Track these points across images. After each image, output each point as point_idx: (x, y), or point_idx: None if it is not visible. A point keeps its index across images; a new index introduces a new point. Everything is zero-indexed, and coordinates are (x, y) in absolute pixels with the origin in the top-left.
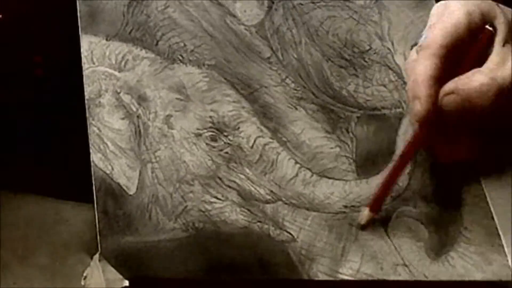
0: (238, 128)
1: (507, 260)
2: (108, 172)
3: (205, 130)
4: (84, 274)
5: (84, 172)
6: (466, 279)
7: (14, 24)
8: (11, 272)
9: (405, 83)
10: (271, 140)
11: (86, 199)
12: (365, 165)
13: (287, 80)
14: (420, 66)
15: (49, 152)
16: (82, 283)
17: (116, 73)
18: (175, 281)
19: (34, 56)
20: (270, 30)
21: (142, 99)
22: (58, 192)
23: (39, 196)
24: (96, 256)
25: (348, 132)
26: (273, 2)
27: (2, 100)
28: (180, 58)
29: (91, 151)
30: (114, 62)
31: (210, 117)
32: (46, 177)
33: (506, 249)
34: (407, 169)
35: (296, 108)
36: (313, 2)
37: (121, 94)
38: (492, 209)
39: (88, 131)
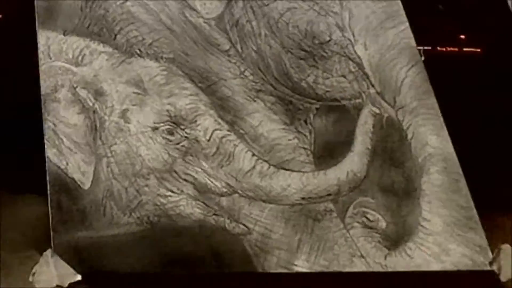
0: (195, 121)
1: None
2: (62, 167)
3: (162, 124)
4: (33, 271)
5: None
6: (424, 269)
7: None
8: None
9: (365, 73)
10: (228, 133)
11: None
12: (323, 156)
13: (246, 73)
14: None
15: None
16: (31, 279)
17: (73, 68)
18: (130, 275)
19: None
20: (230, 22)
21: (98, 93)
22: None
23: None
24: (47, 252)
25: (306, 123)
26: None
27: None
28: (138, 52)
29: (45, 146)
30: (71, 57)
31: (167, 110)
32: None
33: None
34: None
35: (255, 101)
36: None
37: (77, 89)
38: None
39: (43, 126)
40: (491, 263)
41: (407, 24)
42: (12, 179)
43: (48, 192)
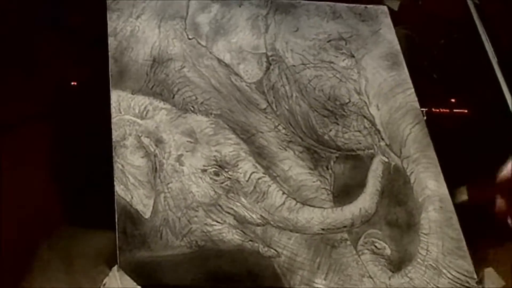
0: (237, 165)
1: (457, 274)
2: (128, 200)
3: (210, 167)
4: (103, 282)
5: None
6: None
7: None
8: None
9: (377, 129)
10: (263, 175)
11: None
12: (341, 196)
13: (279, 127)
14: None
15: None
16: None
17: (139, 120)
18: None
19: None
20: (267, 86)
21: (159, 141)
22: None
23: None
24: (114, 268)
25: (328, 169)
26: (270, 64)
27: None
28: (192, 108)
29: (115, 183)
30: (137, 111)
31: (214, 156)
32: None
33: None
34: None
35: (286, 150)
36: (303, 64)
37: (142, 138)
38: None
39: (114, 167)
40: (477, 283)
41: (413, 90)
42: (87, 209)
43: (116, 220)
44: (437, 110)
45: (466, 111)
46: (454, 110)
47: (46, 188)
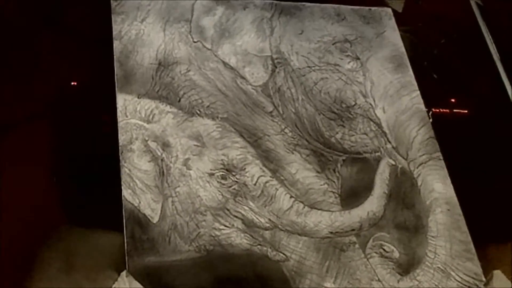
0: (244, 169)
1: (465, 276)
2: (136, 204)
3: (217, 171)
4: (113, 287)
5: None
6: None
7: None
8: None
9: (383, 132)
10: (271, 178)
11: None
12: (348, 199)
13: (286, 130)
14: None
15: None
16: None
17: (145, 124)
18: None
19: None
20: (273, 89)
21: (165, 145)
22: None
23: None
24: (123, 273)
25: (335, 172)
26: (276, 67)
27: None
28: (198, 112)
29: (122, 187)
30: (143, 115)
31: (221, 160)
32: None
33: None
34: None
35: (293, 153)
36: (309, 66)
37: (148, 142)
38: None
39: (121, 171)
40: (485, 285)
41: (418, 92)
42: (95, 215)
43: (124, 225)
44: (440, 110)
45: (467, 111)
46: (457, 110)
47: (46, 189)
